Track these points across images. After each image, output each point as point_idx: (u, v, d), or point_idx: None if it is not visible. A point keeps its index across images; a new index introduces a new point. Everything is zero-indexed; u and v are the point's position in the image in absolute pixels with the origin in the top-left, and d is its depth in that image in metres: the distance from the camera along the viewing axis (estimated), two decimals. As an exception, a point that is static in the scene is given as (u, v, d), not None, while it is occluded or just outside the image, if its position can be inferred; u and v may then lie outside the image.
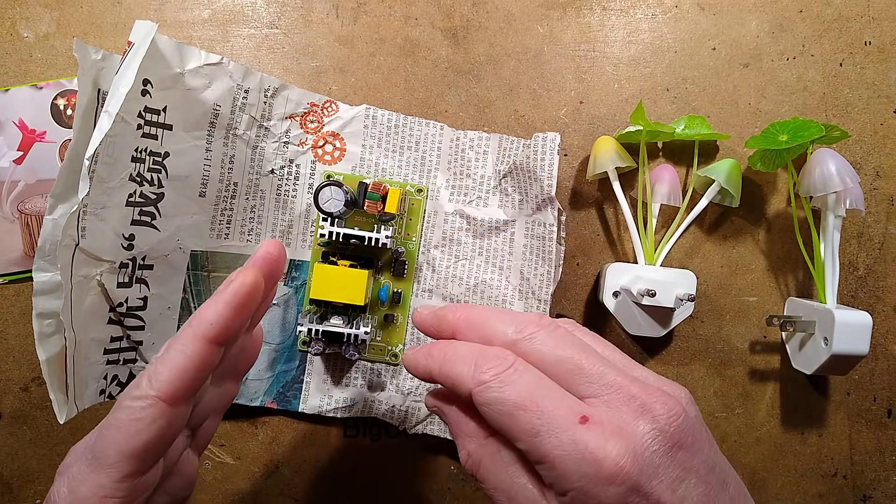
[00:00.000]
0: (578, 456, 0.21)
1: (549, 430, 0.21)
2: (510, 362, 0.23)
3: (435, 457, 0.39)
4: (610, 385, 0.22)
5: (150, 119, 0.33)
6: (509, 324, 0.24)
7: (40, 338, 0.30)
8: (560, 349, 0.23)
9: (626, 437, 0.21)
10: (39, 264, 0.30)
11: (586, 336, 0.25)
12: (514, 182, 0.38)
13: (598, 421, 0.21)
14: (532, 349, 0.24)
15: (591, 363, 0.23)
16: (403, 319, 0.39)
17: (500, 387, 0.23)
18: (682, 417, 0.21)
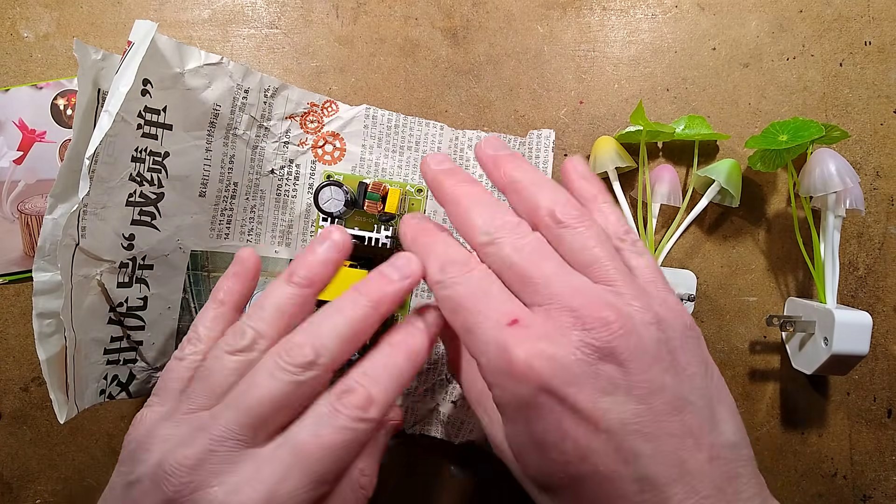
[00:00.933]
0: (496, 353, 0.22)
1: (479, 328, 0.23)
2: (469, 268, 0.24)
3: (435, 457, 0.39)
4: (552, 295, 0.22)
5: (150, 119, 0.33)
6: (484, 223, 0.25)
7: (40, 338, 0.30)
8: (517, 256, 0.24)
9: (548, 342, 0.21)
10: (39, 264, 0.30)
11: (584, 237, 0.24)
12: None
13: (526, 325, 0.22)
14: (493, 251, 0.24)
15: (541, 273, 0.23)
16: (403, 319, 0.39)
17: (451, 286, 0.24)
18: (619, 333, 0.21)
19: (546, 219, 0.24)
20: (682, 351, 0.23)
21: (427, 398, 0.38)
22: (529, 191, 0.25)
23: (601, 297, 0.22)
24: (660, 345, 0.22)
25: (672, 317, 0.23)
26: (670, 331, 0.23)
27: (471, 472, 0.39)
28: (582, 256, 0.24)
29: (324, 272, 0.27)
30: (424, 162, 0.28)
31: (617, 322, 0.21)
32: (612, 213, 0.26)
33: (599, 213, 0.26)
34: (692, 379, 0.22)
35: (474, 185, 0.27)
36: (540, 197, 0.25)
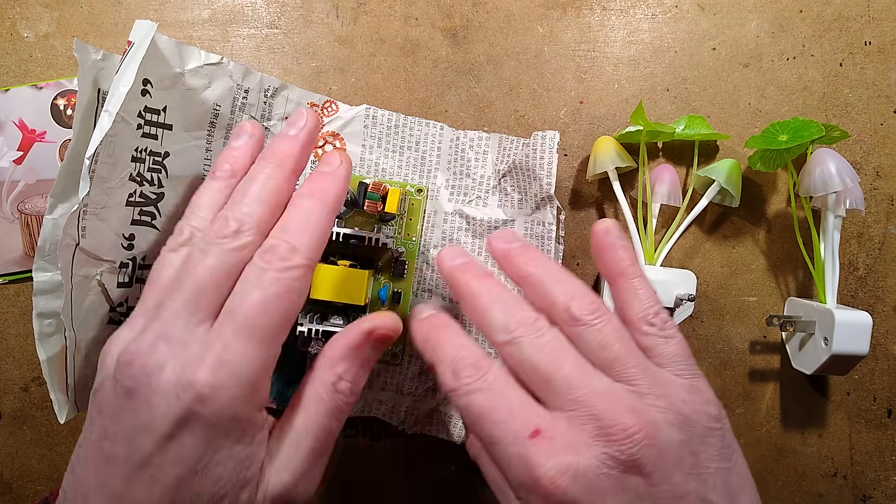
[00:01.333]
0: (521, 469, 0.21)
1: (502, 440, 0.22)
2: (483, 372, 0.24)
3: (435, 457, 0.39)
4: (575, 401, 0.22)
5: (150, 119, 0.33)
6: (501, 323, 0.25)
7: (40, 338, 0.30)
8: (537, 357, 0.23)
9: (572, 456, 0.21)
10: (39, 264, 0.30)
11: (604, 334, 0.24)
12: (514, 181, 0.38)
13: (549, 436, 0.22)
14: (513, 352, 0.24)
15: (563, 375, 0.23)
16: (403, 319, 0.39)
17: (468, 395, 0.24)
18: (643, 444, 0.21)
19: (563, 315, 0.25)
20: (705, 448, 0.23)
21: (428, 398, 0.38)
22: (543, 285, 0.26)
23: (623, 401, 0.22)
24: (682, 447, 0.22)
25: (697, 412, 0.23)
26: (694, 428, 0.23)
27: (473, 472, 0.39)
28: (602, 354, 0.24)
29: (243, 160, 0.28)
30: (440, 257, 0.29)
31: (641, 431, 0.21)
32: (643, 289, 0.26)
33: (630, 291, 0.26)
34: (715, 477, 0.22)
35: (489, 279, 0.27)
36: (555, 292, 0.25)
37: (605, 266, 0.27)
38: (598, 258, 0.28)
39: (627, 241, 0.27)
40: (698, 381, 0.25)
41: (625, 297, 0.26)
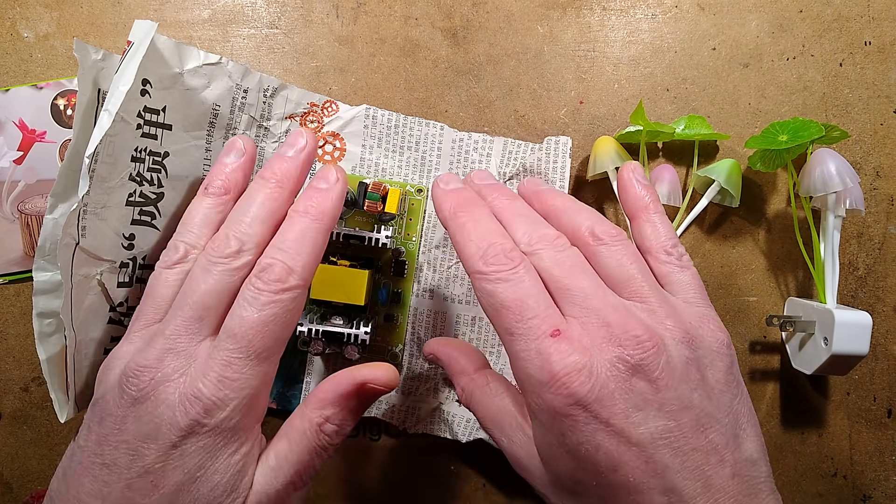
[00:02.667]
0: (538, 363, 0.23)
1: (522, 333, 0.23)
2: (514, 264, 0.24)
3: (435, 457, 0.39)
4: (590, 308, 0.23)
5: (150, 119, 0.33)
6: (525, 234, 0.26)
7: (40, 337, 0.30)
8: (558, 268, 0.24)
9: (586, 356, 0.22)
10: (39, 264, 0.30)
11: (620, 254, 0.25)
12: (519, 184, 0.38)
13: (568, 337, 0.23)
14: (534, 263, 0.25)
15: (580, 286, 0.24)
16: (403, 319, 0.39)
17: (495, 282, 0.24)
18: (651, 352, 0.22)
19: (585, 236, 0.26)
20: (712, 369, 0.24)
21: (430, 397, 0.38)
22: (569, 214, 0.27)
23: (635, 315, 0.24)
24: (689, 363, 0.23)
25: (705, 335, 0.24)
26: (701, 349, 0.24)
27: (473, 472, 0.39)
28: (618, 273, 0.25)
29: (236, 177, 0.29)
30: (469, 177, 0.30)
31: (649, 340, 0.22)
32: (662, 223, 0.28)
33: (649, 223, 0.28)
34: (720, 397, 0.23)
35: (515, 199, 0.28)
36: (579, 218, 0.27)
37: (627, 202, 0.29)
38: (622, 195, 0.29)
39: (650, 182, 0.29)
40: (710, 310, 0.26)
41: (645, 229, 0.28)
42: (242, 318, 0.24)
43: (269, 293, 0.24)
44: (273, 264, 0.25)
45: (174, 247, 0.28)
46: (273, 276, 0.25)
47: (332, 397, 0.27)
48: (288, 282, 0.25)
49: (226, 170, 0.29)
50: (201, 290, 0.25)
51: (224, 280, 0.25)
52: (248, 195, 0.28)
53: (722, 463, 0.22)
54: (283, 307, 0.25)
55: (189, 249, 0.27)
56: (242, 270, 0.26)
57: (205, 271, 0.26)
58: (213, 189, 0.29)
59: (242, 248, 0.26)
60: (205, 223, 0.28)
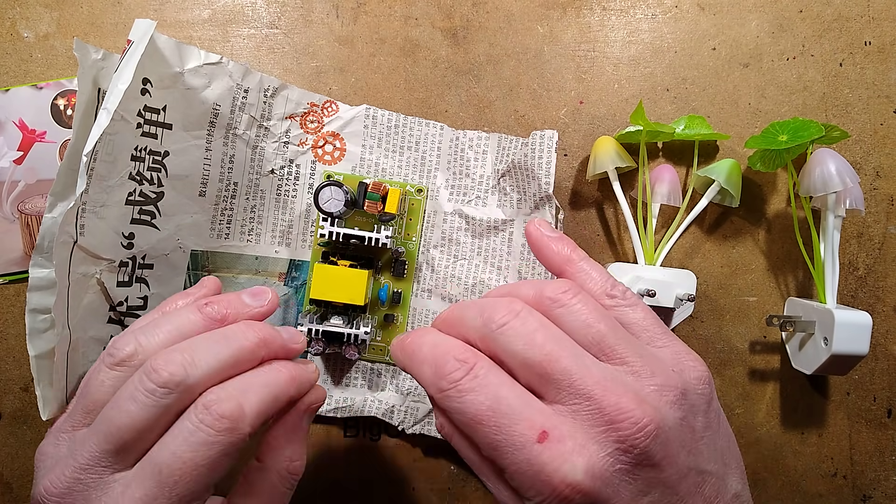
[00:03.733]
0: (533, 476, 0.20)
1: (506, 446, 0.21)
2: (469, 367, 0.22)
3: (435, 457, 0.39)
4: (578, 394, 0.21)
5: (150, 118, 0.33)
6: (476, 316, 0.23)
7: (33, 333, 0.30)
8: (529, 350, 0.22)
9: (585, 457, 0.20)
10: (37, 260, 0.30)
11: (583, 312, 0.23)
12: (513, 181, 0.38)
13: (557, 438, 0.21)
14: (500, 346, 0.22)
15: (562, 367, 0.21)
16: (403, 319, 0.39)
17: (458, 397, 0.22)
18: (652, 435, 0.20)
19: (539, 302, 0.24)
20: (699, 416, 0.23)
21: (427, 398, 0.38)
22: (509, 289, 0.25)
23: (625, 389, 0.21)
24: (682, 425, 0.22)
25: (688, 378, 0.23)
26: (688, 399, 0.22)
27: (473, 472, 0.39)
28: (587, 334, 0.23)
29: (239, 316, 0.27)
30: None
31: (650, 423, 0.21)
32: (592, 269, 0.26)
33: (581, 272, 0.26)
34: (708, 446, 0.22)
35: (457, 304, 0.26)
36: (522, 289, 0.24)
37: (548, 260, 0.27)
38: (539, 256, 0.27)
39: (560, 233, 0.27)
40: (678, 343, 0.24)
41: (578, 280, 0.25)
42: (173, 455, 0.22)
43: (213, 431, 0.22)
44: (223, 399, 0.22)
45: (125, 341, 0.25)
46: (223, 411, 0.22)
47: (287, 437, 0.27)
48: (236, 423, 0.22)
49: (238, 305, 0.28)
50: (120, 422, 0.23)
51: (150, 414, 0.23)
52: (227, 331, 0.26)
53: None
54: (223, 451, 0.22)
55: (139, 352, 0.25)
56: (176, 408, 0.23)
57: (132, 398, 0.23)
58: (211, 311, 0.27)
59: (184, 380, 0.23)
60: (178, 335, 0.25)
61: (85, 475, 0.23)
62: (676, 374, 0.23)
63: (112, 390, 0.24)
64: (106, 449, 0.23)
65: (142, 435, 0.23)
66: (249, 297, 0.28)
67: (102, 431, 0.23)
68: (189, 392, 0.23)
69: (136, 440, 0.23)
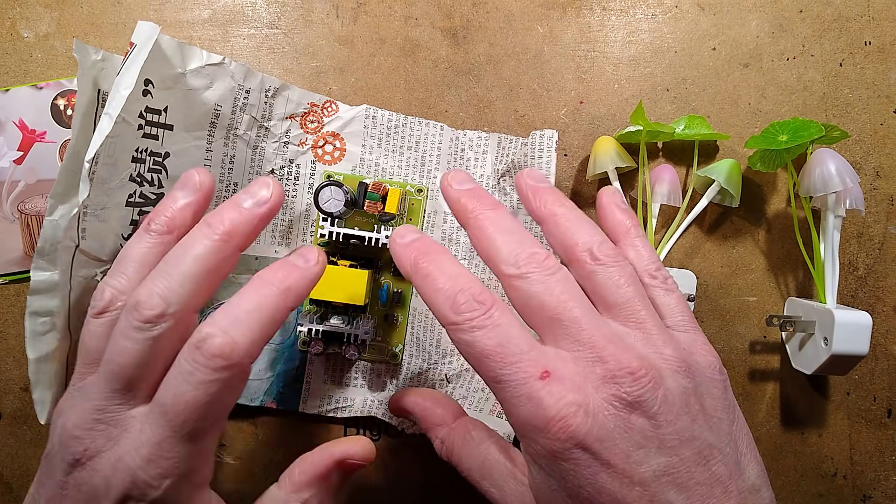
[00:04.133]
0: (531, 409, 0.21)
1: (509, 380, 0.22)
2: (486, 307, 0.23)
3: (435, 457, 0.39)
4: (583, 342, 0.22)
5: (151, 119, 0.33)
6: (511, 254, 0.24)
7: (32, 336, 0.30)
8: (547, 295, 0.23)
9: (581, 395, 0.21)
10: (38, 263, 0.30)
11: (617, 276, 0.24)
12: (513, 181, 0.38)
13: (559, 377, 0.22)
14: (522, 287, 0.23)
15: (572, 316, 0.23)
16: (403, 319, 0.39)
17: (470, 331, 0.23)
18: (648, 386, 0.21)
19: (583, 254, 0.25)
20: (709, 397, 0.23)
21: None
22: (568, 225, 0.26)
23: (629, 346, 0.22)
24: (687, 394, 0.22)
25: (700, 361, 0.24)
26: (698, 377, 0.23)
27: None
28: (614, 296, 0.24)
29: (184, 216, 0.26)
30: (445, 180, 0.27)
31: (646, 375, 0.21)
32: (644, 247, 0.27)
33: (632, 248, 0.27)
34: (719, 425, 0.23)
35: (499, 209, 0.26)
36: (579, 232, 0.25)
37: (608, 227, 0.28)
38: (602, 222, 0.28)
39: (628, 207, 0.28)
40: (700, 334, 0.25)
41: (628, 253, 0.27)
42: (175, 396, 0.22)
43: (209, 370, 0.22)
44: (214, 336, 0.22)
45: (101, 290, 0.25)
46: (214, 349, 0.22)
47: (308, 479, 0.26)
48: (231, 358, 0.22)
49: (174, 205, 0.26)
50: (121, 360, 0.23)
51: (146, 348, 0.23)
52: (185, 243, 0.24)
53: (727, 494, 0.21)
54: (223, 386, 0.22)
55: (116, 296, 0.25)
56: (170, 336, 0.23)
57: (124, 336, 0.23)
58: (156, 226, 0.26)
59: (166, 311, 0.23)
60: (140, 265, 0.25)
61: (102, 414, 0.23)
62: (686, 352, 0.24)
63: (105, 337, 0.24)
64: (115, 388, 0.23)
65: (144, 370, 0.23)
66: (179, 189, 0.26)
67: (107, 372, 0.23)
68: (177, 318, 0.23)
69: (141, 376, 0.23)
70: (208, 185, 0.27)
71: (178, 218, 0.26)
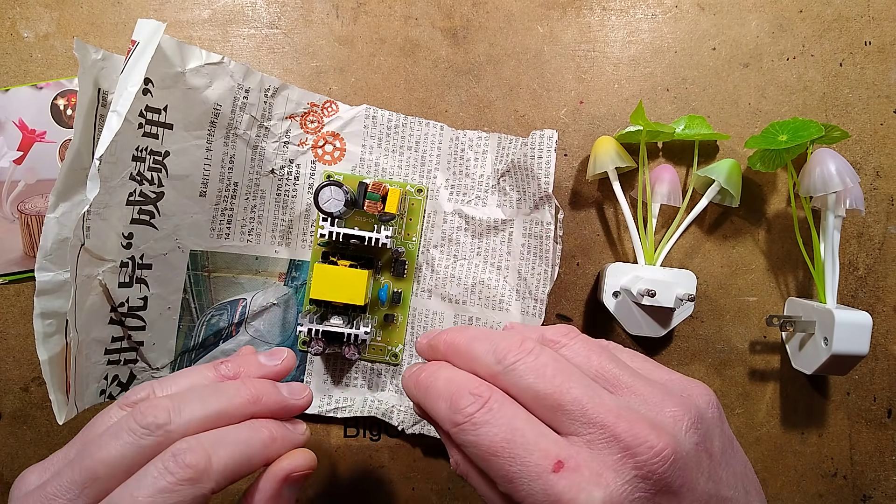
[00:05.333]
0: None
1: (521, 477, 0.21)
2: (484, 401, 0.22)
3: (435, 457, 0.39)
4: (592, 423, 0.21)
5: (151, 118, 0.33)
6: (488, 352, 0.23)
7: (42, 338, 0.30)
8: (540, 382, 0.22)
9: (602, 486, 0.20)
10: (42, 264, 0.30)
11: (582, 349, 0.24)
12: (512, 181, 0.38)
13: (573, 467, 0.20)
14: (512, 382, 0.22)
15: (574, 398, 0.21)
16: (403, 319, 0.39)
17: (473, 430, 0.22)
18: (670, 461, 0.20)
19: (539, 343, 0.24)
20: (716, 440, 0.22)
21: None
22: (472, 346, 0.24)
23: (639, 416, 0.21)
24: (699, 451, 0.21)
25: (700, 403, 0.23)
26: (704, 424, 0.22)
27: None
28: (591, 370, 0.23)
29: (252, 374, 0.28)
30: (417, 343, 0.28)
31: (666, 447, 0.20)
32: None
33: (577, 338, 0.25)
34: (727, 470, 0.22)
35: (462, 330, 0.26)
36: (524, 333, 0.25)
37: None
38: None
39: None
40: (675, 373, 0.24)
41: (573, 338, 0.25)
42: (130, 497, 0.22)
43: (175, 480, 0.22)
44: (193, 448, 0.22)
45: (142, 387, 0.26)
46: (189, 459, 0.22)
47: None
48: (201, 478, 0.22)
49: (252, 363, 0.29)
50: (98, 455, 0.23)
51: (126, 452, 0.23)
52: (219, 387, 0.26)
53: None
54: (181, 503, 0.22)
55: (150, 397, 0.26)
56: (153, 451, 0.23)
57: (115, 435, 0.23)
58: (224, 370, 0.28)
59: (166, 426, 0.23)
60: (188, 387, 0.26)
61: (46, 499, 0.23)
62: (686, 398, 0.22)
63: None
64: (75, 480, 0.23)
65: (113, 471, 0.23)
66: (266, 357, 0.29)
67: (78, 462, 0.23)
68: (167, 437, 0.23)
69: (107, 477, 0.23)
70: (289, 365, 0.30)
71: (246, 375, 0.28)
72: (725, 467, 0.22)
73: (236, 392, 0.26)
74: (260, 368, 0.29)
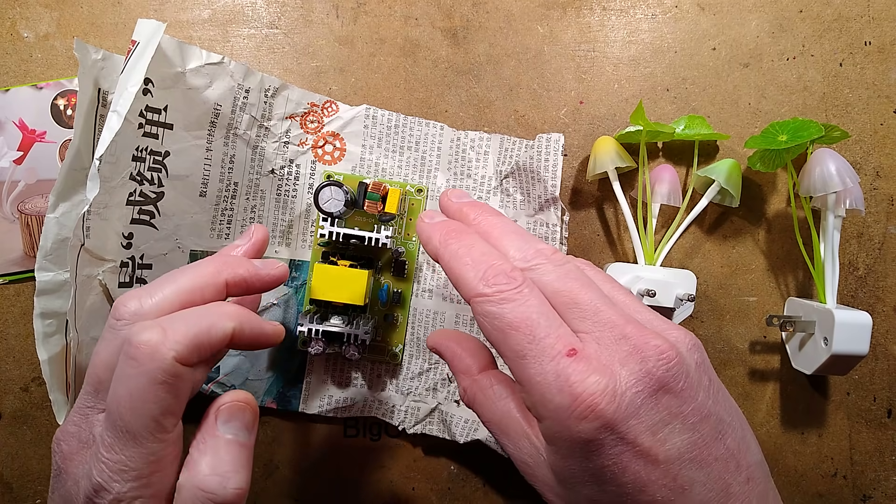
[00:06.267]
0: (557, 386, 0.21)
1: (535, 355, 0.22)
2: (518, 283, 0.23)
3: (435, 457, 0.39)
4: (604, 322, 0.22)
5: (151, 118, 0.33)
6: (519, 250, 0.25)
7: (42, 338, 0.30)
8: (561, 282, 0.23)
9: (609, 375, 0.21)
10: (42, 264, 0.30)
11: (597, 276, 0.26)
12: (516, 182, 0.38)
13: (585, 356, 0.21)
14: (535, 278, 0.24)
15: (590, 299, 0.23)
16: (403, 319, 0.39)
17: (499, 303, 0.23)
18: (674, 362, 0.21)
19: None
20: (710, 369, 0.23)
21: (428, 397, 0.38)
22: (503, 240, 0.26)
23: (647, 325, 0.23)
24: (700, 369, 0.22)
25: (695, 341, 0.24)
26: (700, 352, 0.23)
27: (473, 473, 0.39)
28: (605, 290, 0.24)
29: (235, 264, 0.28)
30: (445, 196, 0.29)
31: (671, 350, 0.21)
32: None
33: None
34: (725, 398, 0.23)
35: (500, 215, 0.27)
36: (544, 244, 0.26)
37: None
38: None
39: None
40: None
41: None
42: (113, 394, 0.22)
43: (135, 363, 0.22)
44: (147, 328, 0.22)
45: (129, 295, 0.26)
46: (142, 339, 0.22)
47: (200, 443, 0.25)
48: (158, 349, 0.22)
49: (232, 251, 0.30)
50: (95, 360, 0.24)
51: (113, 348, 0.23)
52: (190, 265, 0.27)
53: (738, 468, 0.21)
54: (150, 381, 0.22)
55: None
56: None
57: (103, 338, 0.24)
58: None
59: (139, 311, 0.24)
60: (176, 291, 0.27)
61: (77, 416, 0.24)
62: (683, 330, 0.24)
63: None
64: (87, 391, 0.24)
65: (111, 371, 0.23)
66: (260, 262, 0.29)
67: (88, 374, 0.24)
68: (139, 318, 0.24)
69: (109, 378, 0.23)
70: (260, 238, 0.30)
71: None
72: (723, 396, 0.23)
73: (205, 263, 0.26)
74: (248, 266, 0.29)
